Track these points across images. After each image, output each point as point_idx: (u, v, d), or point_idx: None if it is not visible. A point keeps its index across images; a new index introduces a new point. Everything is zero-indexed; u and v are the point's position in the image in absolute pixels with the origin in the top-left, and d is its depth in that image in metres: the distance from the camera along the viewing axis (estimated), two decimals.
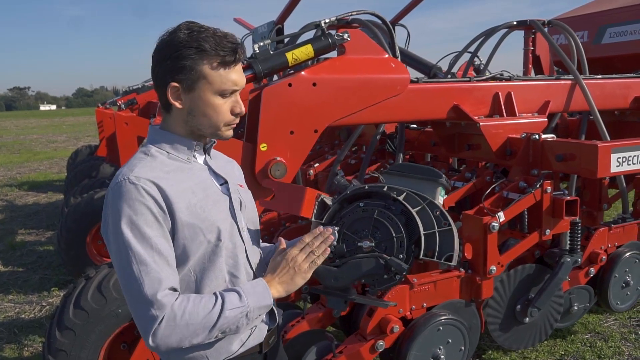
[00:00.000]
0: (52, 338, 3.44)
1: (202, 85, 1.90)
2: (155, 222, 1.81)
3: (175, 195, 1.85)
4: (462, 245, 3.65)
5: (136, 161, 1.92)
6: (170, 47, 1.86)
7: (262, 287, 1.94)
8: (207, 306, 1.81)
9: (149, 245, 1.78)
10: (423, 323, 3.42)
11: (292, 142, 3.38)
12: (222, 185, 2.08)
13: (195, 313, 1.79)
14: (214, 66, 1.90)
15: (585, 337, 4.68)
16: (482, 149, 4.06)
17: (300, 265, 1.98)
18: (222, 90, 1.93)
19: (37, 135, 35.01)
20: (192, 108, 1.93)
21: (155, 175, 1.86)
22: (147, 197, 1.80)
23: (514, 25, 4.93)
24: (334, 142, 6.36)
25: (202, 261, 1.94)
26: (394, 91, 3.59)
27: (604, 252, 4.19)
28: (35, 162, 20.14)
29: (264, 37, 6.69)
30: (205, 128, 1.98)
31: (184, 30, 1.88)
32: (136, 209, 1.79)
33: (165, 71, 1.88)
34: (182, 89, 1.90)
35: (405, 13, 6.72)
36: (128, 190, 1.80)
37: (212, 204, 1.97)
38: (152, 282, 1.76)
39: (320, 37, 3.50)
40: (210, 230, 1.92)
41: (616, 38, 7.89)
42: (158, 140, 1.99)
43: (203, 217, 1.91)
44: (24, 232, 9.39)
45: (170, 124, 1.99)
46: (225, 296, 1.86)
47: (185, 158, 1.99)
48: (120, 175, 1.85)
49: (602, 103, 4.38)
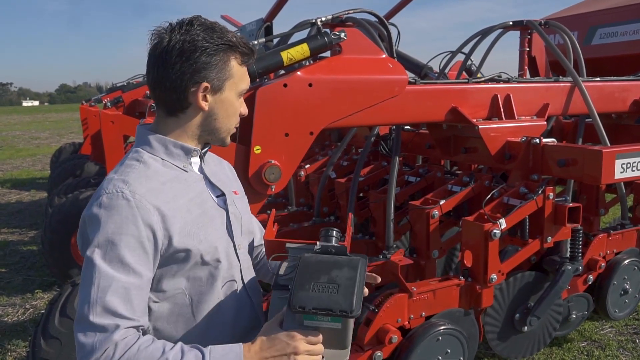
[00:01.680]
0: (37, 347, 3.32)
1: (229, 84, 1.81)
2: (139, 248, 1.64)
3: (171, 215, 1.71)
4: (462, 252, 3.57)
5: (128, 169, 1.76)
6: (194, 45, 1.73)
7: (234, 356, 1.65)
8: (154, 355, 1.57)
9: (123, 271, 1.61)
10: (422, 333, 3.33)
11: (287, 144, 3.27)
12: (218, 198, 1.95)
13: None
14: (237, 64, 1.82)
15: (581, 345, 4.61)
16: (479, 152, 3.97)
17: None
18: (242, 90, 1.87)
19: (20, 131, 34.62)
20: (215, 110, 1.83)
21: (151, 188, 1.71)
22: (139, 218, 1.64)
23: (510, 25, 4.84)
24: (324, 143, 6.26)
25: (199, 284, 1.80)
26: (392, 92, 3.48)
27: (602, 259, 4.12)
28: (18, 159, 19.88)
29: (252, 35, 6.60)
30: (221, 132, 1.88)
31: (200, 26, 1.76)
32: (123, 228, 1.63)
33: (193, 70, 1.74)
34: (210, 89, 1.79)
35: (396, 11, 6.65)
36: (120, 205, 1.65)
37: (209, 222, 1.84)
38: (105, 312, 1.57)
39: (316, 36, 3.39)
40: (208, 251, 1.79)
41: (607, 39, 7.87)
42: (151, 144, 1.84)
43: (201, 238, 1.78)
44: (7, 231, 9.20)
45: (170, 128, 1.85)
46: (185, 354, 1.60)
47: (181, 166, 1.85)
48: (112, 185, 1.69)
49: (601, 106, 4.30)
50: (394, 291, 3.41)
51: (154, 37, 1.78)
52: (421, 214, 3.84)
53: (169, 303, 1.78)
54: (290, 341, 1.68)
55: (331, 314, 1.67)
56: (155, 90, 1.82)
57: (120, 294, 1.59)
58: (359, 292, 1.71)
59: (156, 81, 1.79)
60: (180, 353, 1.60)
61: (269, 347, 1.68)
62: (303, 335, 1.68)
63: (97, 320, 1.57)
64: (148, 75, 1.82)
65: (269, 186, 3.22)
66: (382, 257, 3.79)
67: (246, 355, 1.66)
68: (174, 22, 1.79)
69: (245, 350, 1.67)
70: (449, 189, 4.14)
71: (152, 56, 1.79)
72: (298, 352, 1.67)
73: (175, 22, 1.79)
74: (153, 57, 1.78)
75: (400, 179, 4.70)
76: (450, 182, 4.22)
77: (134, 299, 1.62)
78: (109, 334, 1.56)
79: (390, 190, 3.98)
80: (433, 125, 4.13)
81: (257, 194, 3.28)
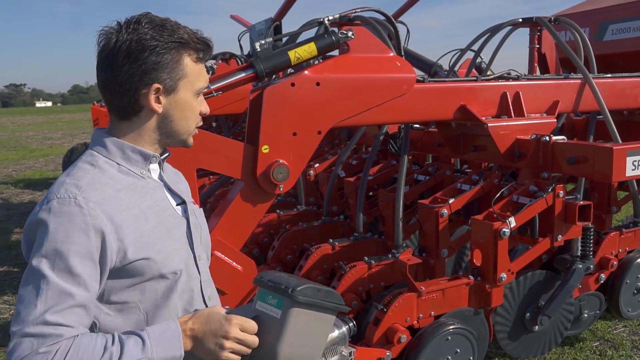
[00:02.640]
0: None
1: (183, 84, 1.71)
2: (88, 258, 1.55)
3: (126, 225, 1.62)
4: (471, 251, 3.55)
5: (81, 173, 1.66)
6: (142, 44, 1.64)
7: (171, 334, 1.62)
8: (93, 356, 1.50)
9: (72, 282, 1.52)
10: (431, 332, 3.32)
11: (295, 143, 3.26)
12: (179, 206, 1.87)
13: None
14: (193, 61, 1.72)
15: (594, 344, 4.57)
16: (488, 150, 3.94)
17: (225, 347, 1.66)
18: (199, 89, 1.76)
19: (33, 132, 34.84)
20: (170, 112, 1.73)
21: (106, 195, 1.62)
22: (91, 227, 1.55)
23: (520, 22, 4.80)
24: (334, 142, 6.25)
25: (154, 298, 1.72)
26: (400, 91, 3.47)
27: (614, 258, 4.08)
28: (31, 160, 19.99)
29: (261, 34, 6.60)
30: (180, 134, 1.79)
31: (149, 24, 1.66)
32: (71, 236, 1.53)
33: (142, 72, 1.65)
34: (163, 90, 1.69)
35: (405, 10, 6.63)
36: (71, 212, 1.55)
37: (166, 232, 1.75)
38: (48, 324, 1.48)
39: (324, 35, 3.38)
40: (165, 263, 1.70)
41: (618, 35, 7.81)
42: (107, 147, 1.74)
43: (158, 249, 1.69)
44: (20, 231, 9.24)
45: (125, 132, 1.75)
46: (123, 344, 1.54)
47: (139, 172, 1.76)
48: (64, 190, 1.60)
49: (612, 103, 4.25)
50: (403, 290, 3.39)
51: (102, 38, 1.69)
52: (430, 212, 3.82)
53: (122, 316, 1.70)
54: (224, 323, 1.67)
55: (280, 288, 1.71)
56: (105, 94, 1.73)
57: (65, 307, 1.51)
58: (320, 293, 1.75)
59: (105, 85, 1.70)
60: (120, 343, 1.55)
61: (204, 322, 1.68)
62: (239, 322, 1.68)
63: (36, 330, 1.48)
64: (97, 79, 1.73)
65: (277, 185, 3.21)
66: (391, 256, 3.77)
67: (183, 329, 1.65)
68: (122, 20, 1.70)
69: (182, 324, 1.66)
70: (458, 187, 4.11)
71: (99, 58, 1.70)
72: (228, 336, 1.65)
73: (123, 21, 1.69)
74: (100, 60, 1.69)
75: (410, 178, 4.68)
76: (459, 181, 4.19)
77: (77, 309, 1.54)
78: (48, 343, 1.48)
79: (399, 189, 3.96)
80: (442, 124, 4.11)
81: (265, 194, 3.27)
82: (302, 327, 1.74)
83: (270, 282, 1.76)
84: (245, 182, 3.24)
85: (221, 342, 1.66)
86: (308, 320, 1.76)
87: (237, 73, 3.26)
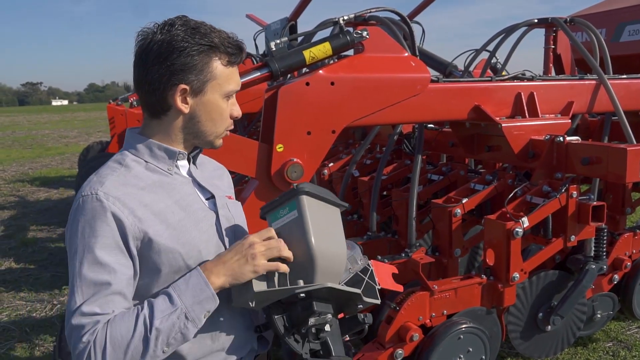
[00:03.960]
0: (63, 342, 3.38)
1: (211, 86, 1.75)
2: (115, 248, 1.63)
3: (148, 218, 1.69)
4: (484, 250, 3.55)
5: (108, 171, 1.74)
6: (172, 46, 1.69)
7: (196, 278, 1.68)
8: (128, 327, 1.58)
9: (103, 272, 1.61)
10: (443, 331, 3.32)
11: (309, 142, 3.28)
12: (208, 200, 1.91)
13: (120, 339, 1.57)
14: (223, 64, 1.75)
15: (607, 345, 4.56)
16: (502, 150, 3.95)
17: (256, 252, 1.70)
18: (228, 92, 1.80)
19: (49, 130, 35.14)
20: (197, 113, 1.78)
21: (126, 192, 1.69)
22: (112, 219, 1.63)
23: (535, 23, 4.79)
24: (348, 142, 6.27)
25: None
26: (414, 91, 3.48)
27: (628, 259, 4.07)
28: (47, 158, 20.18)
29: (276, 34, 6.62)
30: (207, 135, 1.83)
31: (182, 27, 1.71)
32: (96, 230, 1.62)
33: (171, 72, 1.70)
34: (190, 91, 1.74)
35: (421, 10, 6.62)
36: (93, 208, 1.64)
37: (193, 225, 1.79)
38: (85, 315, 1.59)
39: (339, 34, 3.40)
40: (190, 255, 1.75)
41: (635, 36, 7.76)
42: (136, 146, 1.81)
43: (183, 241, 1.74)
44: (36, 228, 9.35)
45: (155, 130, 1.82)
46: (153, 305, 1.62)
47: (166, 169, 1.82)
48: (89, 187, 1.68)
49: (627, 104, 4.24)
50: (416, 289, 3.40)
51: (139, 38, 1.75)
52: (444, 212, 3.83)
53: None
54: (243, 241, 1.74)
55: (283, 196, 1.81)
56: (138, 92, 1.80)
57: (100, 297, 1.61)
58: (318, 188, 1.86)
59: (137, 83, 1.77)
60: (149, 306, 1.63)
61: (225, 252, 1.74)
62: (257, 234, 1.75)
63: (76, 322, 1.59)
64: (133, 77, 1.80)
65: (291, 184, 3.23)
66: (404, 255, 3.79)
67: (205, 270, 1.70)
68: (160, 22, 1.76)
69: (202, 268, 1.71)
70: (471, 187, 4.11)
71: (135, 57, 1.76)
72: (254, 245, 1.71)
73: (160, 22, 1.75)
74: (135, 58, 1.76)
75: (423, 177, 4.69)
76: (473, 181, 4.19)
77: (114, 298, 1.63)
78: (89, 331, 1.57)
79: (412, 188, 3.98)
80: (456, 124, 4.12)
81: (279, 192, 3.29)
82: (318, 216, 1.80)
83: (273, 202, 1.84)
84: (260, 181, 3.27)
85: (251, 252, 1.70)
86: (319, 209, 1.84)
87: (252, 72, 3.28)
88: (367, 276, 1.97)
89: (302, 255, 1.75)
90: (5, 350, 4.95)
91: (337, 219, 1.94)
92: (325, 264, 1.76)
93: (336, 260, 1.84)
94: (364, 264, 2.00)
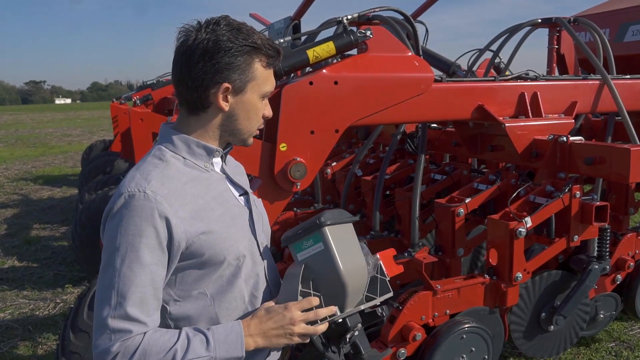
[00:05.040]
0: (66, 340, 3.38)
1: (252, 86, 1.80)
2: (158, 248, 1.67)
3: (191, 217, 1.72)
4: (487, 250, 3.55)
5: (150, 167, 1.77)
6: (218, 45, 1.72)
7: (235, 336, 1.74)
8: (159, 351, 1.64)
9: (142, 272, 1.64)
10: (446, 331, 3.32)
11: (313, 142, 3.28)
12: (241, 196, 1.96)
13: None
14: (263, 66, 1.80)
15: (609, 345, 4.56)
16: (505, 150, 3.95)
17: (295, 331, 1.79)
18: (265, 93, 1.85)
19: (52, 129, 35.17)
20: (236, 111, 1.82)
21: (172, 189, 1.72)
22: (159, 220, 1.66)
23: (539, 22, 4.79)
24: (351, 141, 6.28)
25: (220, 284, 1.81)
26: (418, 90, 3.48)
27: (631, 259, 4.07)
28: (50, 156, 20.20)
29: (280, 33, 6.63)
30: (242, 133, 1.87)
31: (227, 27, 1.75)
32: (142, 229, 1.64)
33: (215, 70, 1.74)
34: (232, 90, 1.78)
35: (424, 9, 6.62)
36: (141, 206, 1.66)
37: (231, 220, 1.84)
38: (121, 317, 1.62)
39: (342, 34, 3.39)
40: (229, 250, 1.80)
41: (639, 36, 7.74)
42: (174, 142, 1.84)
43: (223, 237, 1.78)
44: (39, 227, 9.37)
45: (192, 127, 1.85)
46: (190, 342, 1.67)
47: (203, 165, 1.86)
48: (134, 184, 1.70)
49: (631, 104, 4.23)
50: (419, 289, 3.41)
51: (181, 35, 1.78)
52: (447, 212, 3.83)
53: (191, 303, 1.79)
54: (285, 312, 1.79)
55: (307, 229, 1.89)
56: (178, 88, 1.83)
57: (137, 298, 1.64)
58: (335, 213, 1.97)
59: (179, 79, 1.79)
60: (187, 341, 1.67)
61: (267, 319, 1.80)
62: (297, 305, 1.81)
63: (114, 325, 1.62)
64: (173, 73, 1.82)
65: (295, 183, 3.24)
66: (407, 254, 3.79)
67: (246, 331, 1.76)
68: (202, 20, 1.79)
69: (245, 326, 1.77)
70: (475, 187, 4.12)
71: (177, 53, 1.79)
72: (294, 322, 1.79)
73: (203, 21, 1.78)
74: (178, 55, 1.78)
75: (426, 177, 4.69)
76: (476, 180, 4.19)
77: (149, 299, 1.67)
78: (123, 338, 1.62)
79: (415, 188, 3.98)
80: (459, 123, 4.11)
81: (282, 192, 3.30)
82: (341, 240, 1.92)
83: (296, 233, 1.93)
84: (263, 180, 3.27)
85: (290, 330, 1.79)
86: (340, 233, 1.94)
87: None
88: (378, 273, 2.07)
89: (333, 284, 1.86)
90: (9, 348, 4.96)
91: (352, 233, 2.06)
92: (354, 286, 1.90)
93: (361, 277, 1.97)
94: (374, 262, 2.08)
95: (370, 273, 2.03)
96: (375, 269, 2.06)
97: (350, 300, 1.90)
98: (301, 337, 1.81)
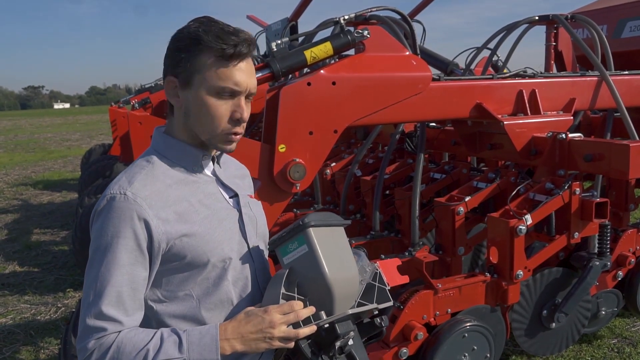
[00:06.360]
0: (68, 344, 3.39)
1: (197, 80, 1.72)
2: (136, 250, 1.65)
3: (174, 218, 1.71)
4: (488, 248, 3.55)
5: (137, 170, 1.76)
6: (173, 40, 1.75)
7: (210, 339, 1.68)
8: (131, 350, 1.62)
9: (119, 273, 1.64)
10: (448, 330, 3.33)
11: (312, 142, 3.28)
12: (231, 198, 1.93)
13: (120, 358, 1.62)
14: (211, 60, 1.70)
15: (612, 342, 4.55)
16: (504, 148, 3.95)
17: (274, 334, 1.71)
18: (217, 89, 1.72)
19: (51, 133, 35.19)
20: (187, 107, 1.77)
21: (155, 191, 1.71)
22: (137, 221, 1.65)
23: (536, 20, 4.79)
24: (350, 141, 6.28)
25: (206, 285, 1.79)
26: (416, 89, 3.48)
27: (632, 255, 4.07)
28: (49, 161, 20.20)
29: (277, 35, 6.63)
30: (201, 133, 1.79)
31: (194, 24, 1.74)
32: (120, 230, 1.64)
33: (167, 65, 1.76)
34: (178, 84, 1.75)
35: (421, 8, 6.63)
36: (120, 207, 1.65)
37: (217, 223, 1.81)
38: (97, 316, 1.62)
39: (339, 34, 3.39)
40: (213, 252, 1.77)
41: (637, 32, 7.73)
42: (163, 145, 1.84)
43: (207, 239, 1.76)
44: (39, 231, 9.37)
45: (174, 127, 1.85)
46: (163, 342, 1.64)
47: (190, 168, 1.84)
48: (117, 186, 1.70)
49: (629, 100, 4.24)
50: (420, 288, 3.41)
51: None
52: (447, 210, 3.83)
53: (176, 304, 1.78)
54: (264, 315, 1.72)
55: (291, 230, 1.84)
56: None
57: (113, 297, 1.64)
58: (323, 215, 1.90)
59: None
60: (159, 341, 1.65)
61: (246, 322, 1.73)
62: (277, 309, 1.73)
63: (90, 322, 1.63)
64: None
65: (294, 184, 3.24)
66: (408, 254, 3.79)
67: (222, 334, 1.70)
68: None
69: (222, 330, 1.71)
70: (474, 185, 4.11)
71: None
72: (274, 325, 1.71)
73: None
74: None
75: (426, 176, 4.69)
76: (475, 179, 4.19)
77: (126, 299, 1.66)
78: (98, 335, 1.62)
79: (415, 187, 3.97)
80: (458, 122, 4.12)
81: (282, 193, 3.30)
82: (327, 242, 1.84)
83: (281, 236, 1.87)
84: (262, 181, 3.26)
85: (270, 333, 1.71)
86: (327, 235, 1.87)
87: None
88: (377, 281, 2.00)
89: (319, 288, 1.80)
90: (11, 353, 4.96)
91: (343, 238, 1.98)
92: (342, 291, 1.82)
93: (350, 283, 1.88)
94: (372, 270, 2.02)
95: (365, 280, 1.97)
96: (372, 276, 1.99)
97: (339, 306, 1.82)
98: (282, 340, 1.73)
